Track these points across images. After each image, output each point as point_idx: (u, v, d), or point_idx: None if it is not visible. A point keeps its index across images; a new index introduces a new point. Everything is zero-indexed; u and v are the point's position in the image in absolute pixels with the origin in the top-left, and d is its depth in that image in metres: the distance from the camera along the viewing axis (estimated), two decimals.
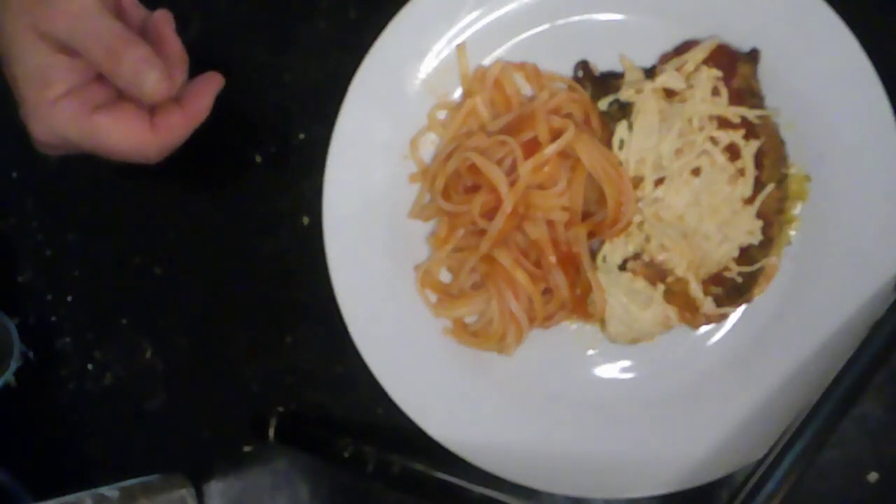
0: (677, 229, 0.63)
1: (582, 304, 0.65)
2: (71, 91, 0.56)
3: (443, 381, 0.66)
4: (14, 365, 0.73)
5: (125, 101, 0.58)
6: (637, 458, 0.64)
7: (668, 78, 0.64)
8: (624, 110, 0.65)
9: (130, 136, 0.57)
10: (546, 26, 0.68)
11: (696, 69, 0.64)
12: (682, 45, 0.66)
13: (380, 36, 0.67)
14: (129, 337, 0.73)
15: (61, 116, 0.56)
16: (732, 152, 0.63)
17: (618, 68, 0.67)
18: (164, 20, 0.60)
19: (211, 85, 0.60)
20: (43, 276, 0.75)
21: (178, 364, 0.72)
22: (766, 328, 0.65)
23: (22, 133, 0.73)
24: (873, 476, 0.64)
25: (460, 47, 0.68)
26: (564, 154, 0.63)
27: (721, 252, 0.63)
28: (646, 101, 0.64)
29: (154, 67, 0.56)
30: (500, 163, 0.64)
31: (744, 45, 0.65)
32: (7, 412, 0.73)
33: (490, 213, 0.63)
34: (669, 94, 0.64)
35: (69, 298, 0.74)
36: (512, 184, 0.63)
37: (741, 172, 0.63)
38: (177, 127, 0.59)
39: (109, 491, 0.65)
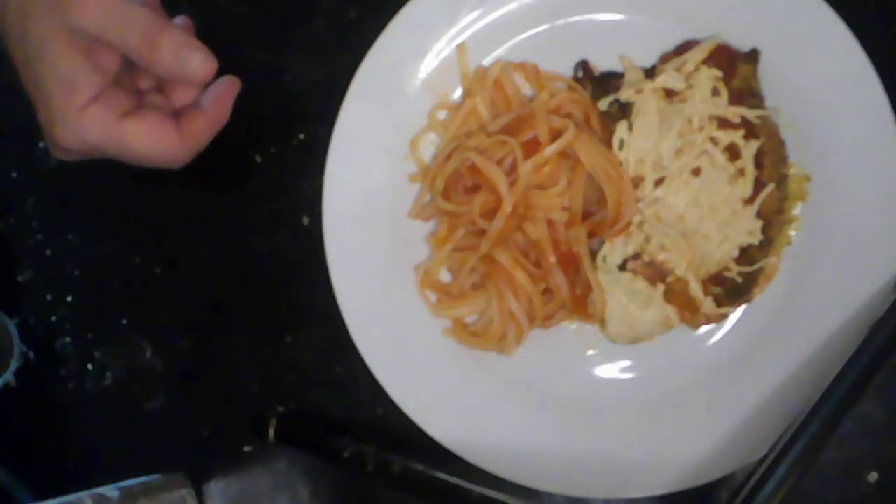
0: (677, 229, 0.63)
1: (582, 304, 0.65)
2: (98, 97, 0.56)
3: (443, 380, 0.66)
4: (14, 365, 0.73)
5: (149, 107, 0.59)
6: (637, 458, 0.64)
7: (668, 78, 0.64)
8: (624, 110, 0.65)
9: (159, 143, 0.57)
10: (546, 26, 0.68)
11: (696, 69, 0.64)
12: (682, 45, 0.66)
13: (380, 36, 0.67)
14: (129, 337, 0.73)
15: (90, 123, 0.56)
16: (732, 152, 0.63)
17: (618, 68, 0.67)
18: (188, 27, 0.60)
19: (230, 89, 0.60)
20: (43, 276, 0.75)
21: (178, 364, 0.72)
22: (766, 328, 0.65)
23: (22, 133, 0.74)
24: (873, 476, 0.64)
25: (460, 47, 0.68)
26: (564, 154, 0.63)
27: (721, 252, 0.63)
28: (646, 101, 0.64)
29: (196, 49, 0.56)
30: (500, 163, 0.64)
31: (744, 45, 0.65)
32: (7, 412, 0.73)
33: (490, 213, 0.63)
34: (669, 94, 0.64)
35: (69, 298, 0.74)
36: (512, 184, 0.63)
37: (741, 172, 0.63)
38: (202, 132, 0.59)
39: (109, 491, 0.65)
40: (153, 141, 0.57)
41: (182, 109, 0.60)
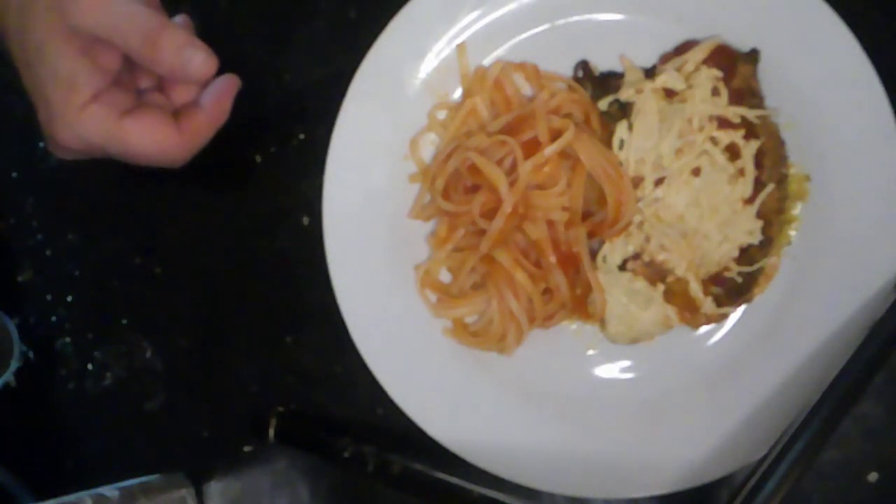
0: (677, 229, 0.63)
1: (582, 304, 0.65)
2: (97, 96, 0.56)
3: (443, 381, 0.66)
4: (14, 365, 0.73)
5: (149, 106, 0.59)
6: (637, 458, 0.64)
7: (668, 78, 0.64)
8: (624, 110, 0.65)
9: (159, 141, 0.57)
10: (546, 26, 0.68)
11: (696, 69, 0.64)
12: (682, 45, 0.66)
13: (380, 36, 0.67)
14: (129, 337, 0.73)
15: (90, 122, 0.56)
16: (732, 152, 0.63)
17: (618, 68, 0.67)
18: (187, 25, 0.60)
19: (230, 87, 0.60)
20: (43, 276, 0.75)
21: (178, 364, 0.72)
22: (766, 328, 0.65)
23: (22, 133, 0.74)
24: (873, 476, 0.64)
25: (460, 47, 0.68)
26: (564, 154, 0.63)
27: (721, 252, 0.63)
28: (646, 101, 0.64)
29: (198, 48, 0.56)
30: (500, 163, 0.64)
31: (744, 45, 0.65)
32: (7, 412, 0.73)
33: (490, 213, 0.63)
34: (669, 94, 0.64)
35: (69, 298, 0.74)
36: (512, 184, 0.63)
37: (741, 172, 0.63)
38: (202, 129, 0.59)
39: (109, 491, 0.65)
40: (153, 139, 0.57)
41: (182, 108, 0.60)
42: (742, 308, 0.65)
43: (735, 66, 0.64)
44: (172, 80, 0.60)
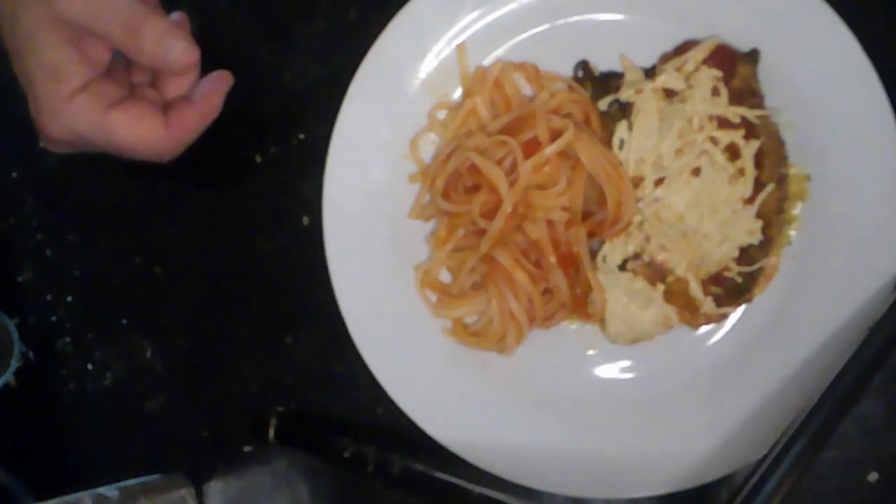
0: (677, 229, 0.63)
1: (582, 304, 0.65)
2: (85, 86, 0.56)
3: (443, 381, 0.66)
4: (14, 365, 0.73)
5: (138, 98, 0.59)
6: (637, 458, 0.64)
7: (668, 78, 0.64)
8: (624, 110, 0.65)
9: (146, 134, 0.57)
10: (546, 26, 0.68)
11: (696, 69, 0.64)
12: (682, 45, 0.66)
13: (380, 36, 0.67)
14: (129, 337, 0.73)
15: (77, 112, 0.55)
16: (732, 152, 0.63)
17: (618, 68, 0.67)
18: (183, 22, 0.60)
19: (222, 83, 0.60)
20: (43, 276, 0.75)
21: (178, 364, 0.72)
22: (766, 328, 0.65)
23: (22, 133, 0.74)
24: (873, 476, 0.64)
25: (460, 47, 0.68)
26: (564, 154, 0.63)
27: (721, 252, 0.63)
28: (646, 101, 0.64)
29: (178, 38, 0.56)
30: (500, 163, 0.64)
31: (744, 45, 0.65)
32: (7, 412, 0.73)
33: (490, 213, 0.63)
34: (669, 94, 0.64)
35: (69, 298, 0.74)
36: (512, 184, 0.63)
37: (741, 172, 0.63)
38: (190, 124, 0.59)
39: (109, 491, 0.65)
40: (139, 132, 0.57)
41: (172, 102, 0.60)
42: (742, 308, 0.65)
43: (735, 66, 0.64)
44: (158, 72, 0.60)
